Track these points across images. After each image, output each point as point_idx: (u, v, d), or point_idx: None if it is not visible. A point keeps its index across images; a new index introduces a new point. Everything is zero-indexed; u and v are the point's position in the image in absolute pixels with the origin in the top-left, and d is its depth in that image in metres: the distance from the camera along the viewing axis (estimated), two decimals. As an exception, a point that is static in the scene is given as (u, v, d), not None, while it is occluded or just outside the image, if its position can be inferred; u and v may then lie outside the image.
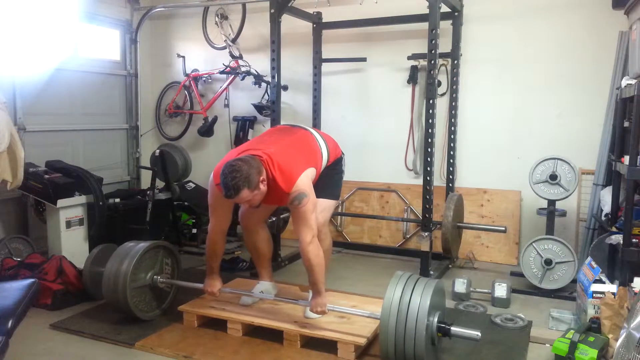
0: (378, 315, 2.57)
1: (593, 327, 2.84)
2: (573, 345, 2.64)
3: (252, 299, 3.22)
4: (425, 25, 3.77)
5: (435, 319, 2.53)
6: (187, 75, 5.59)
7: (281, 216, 4.19)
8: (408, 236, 4.96)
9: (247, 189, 2.64)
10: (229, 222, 3.10)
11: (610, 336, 2.76)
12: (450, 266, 4.44)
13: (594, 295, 3.05)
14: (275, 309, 3.16)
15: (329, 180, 3.17)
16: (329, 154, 3.14)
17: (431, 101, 3.74)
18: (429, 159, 3.77)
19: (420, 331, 2.41)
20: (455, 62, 4.53)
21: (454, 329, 2.53)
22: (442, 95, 4.66)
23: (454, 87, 4.57)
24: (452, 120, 4.59)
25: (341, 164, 3.29)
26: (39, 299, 3.35)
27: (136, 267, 3.12)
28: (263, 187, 2.72)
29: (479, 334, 2.56)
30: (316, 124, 4.94)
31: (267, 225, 3.40)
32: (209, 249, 3.13)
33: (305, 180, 2.84)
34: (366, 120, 5.09)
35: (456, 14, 4.43)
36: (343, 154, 3.32)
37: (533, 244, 3.83)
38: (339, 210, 5.16)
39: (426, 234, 3.82)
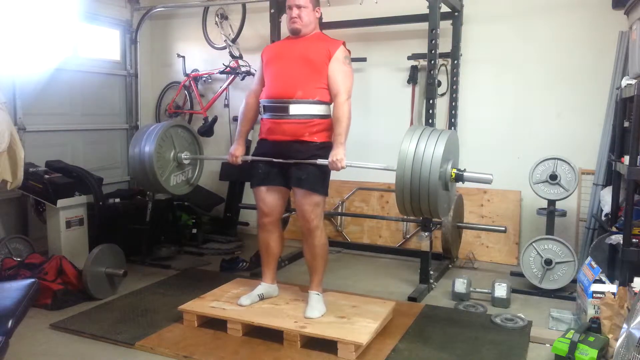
0: (394, 167, 2.69)
1: (593, 327, 2.84)
2: (573, 345, 2.64)
3: (250, 300, 3.21)
4: (425, 25, 3.77)
5: (449, 166, 2.69)
6: (187, 75, 5.58)
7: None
8: (408, 236, 4.96)
9: None
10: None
11: (610, 336, 2.76)
12: (450, 266, 4.44)
13: (594, 295, 3.05)
14: (275, 309, 3.16)
15: (321, 174, 3.08)
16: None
17: (431, 101, 3.74)
18: (429, 159, 3.76)
19: (434, 176, 2.56)
20: (455, 62, 4.53)
21: (467, 173, 2.73)
22: (442, 95, 4.66)
23: (454, 87, 4.57)
24: (452, 120, 4.59)
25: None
26: (39, 299, 3.33)
27: (158, 148, 3.30)
28: (317, 14, 3.13)
29: (491, 176, 2.77)
30: (316, 124, 4.93)
31: (281, 224, 3.40)
32: (242, 112, 3.30)
33: (346, 51, 3.10)
34: (366, 120, 5.08)
35: (456, 14, 4.43)
36: None
37: (533, 244, 3.83)
38: (339, 210, 5.16)
39: (426, 234, 3.81)
